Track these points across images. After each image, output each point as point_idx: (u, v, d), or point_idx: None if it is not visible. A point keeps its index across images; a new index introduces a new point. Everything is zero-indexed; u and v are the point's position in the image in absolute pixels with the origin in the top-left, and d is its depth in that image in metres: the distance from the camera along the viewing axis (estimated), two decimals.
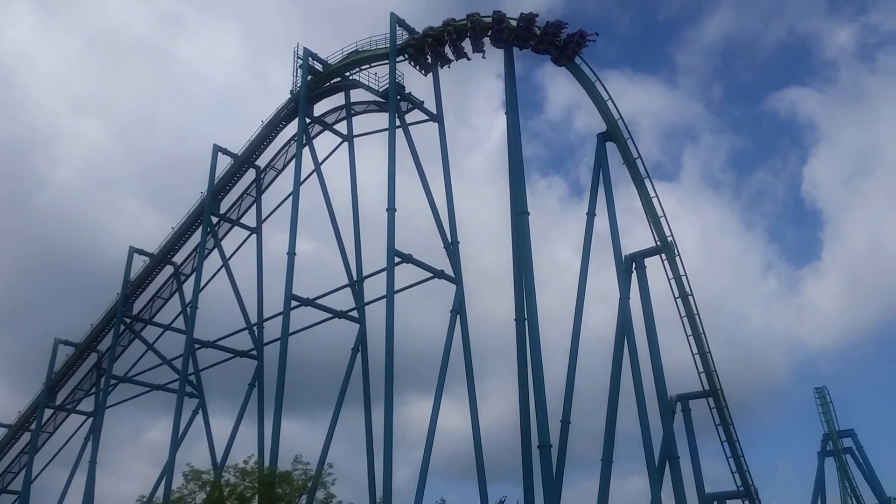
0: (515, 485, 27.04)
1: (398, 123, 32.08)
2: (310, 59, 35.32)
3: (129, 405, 42.01)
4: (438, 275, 30.00)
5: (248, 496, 21.96)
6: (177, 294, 40.77)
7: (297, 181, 33.53)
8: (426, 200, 31.83)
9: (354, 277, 34.22)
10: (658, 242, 30.93)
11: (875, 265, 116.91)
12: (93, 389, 42.44)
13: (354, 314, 33.21)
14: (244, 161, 38.25)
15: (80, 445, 40.80)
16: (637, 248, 32.69)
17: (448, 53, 32.64)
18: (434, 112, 33.59)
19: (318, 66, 35.73)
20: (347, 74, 35.35)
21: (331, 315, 32.82)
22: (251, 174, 38.99)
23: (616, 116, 31.18)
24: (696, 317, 30.42)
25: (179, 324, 39.68)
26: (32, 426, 42.03)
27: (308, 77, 35.07)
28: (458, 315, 29.51)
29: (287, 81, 36.47)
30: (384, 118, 32.91)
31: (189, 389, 36.42)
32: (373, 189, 38.97)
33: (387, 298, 27.63)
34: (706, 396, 33.27)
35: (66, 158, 75.66)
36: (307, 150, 35.48)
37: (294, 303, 30.67)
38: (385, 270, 28.46)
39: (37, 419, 41.64)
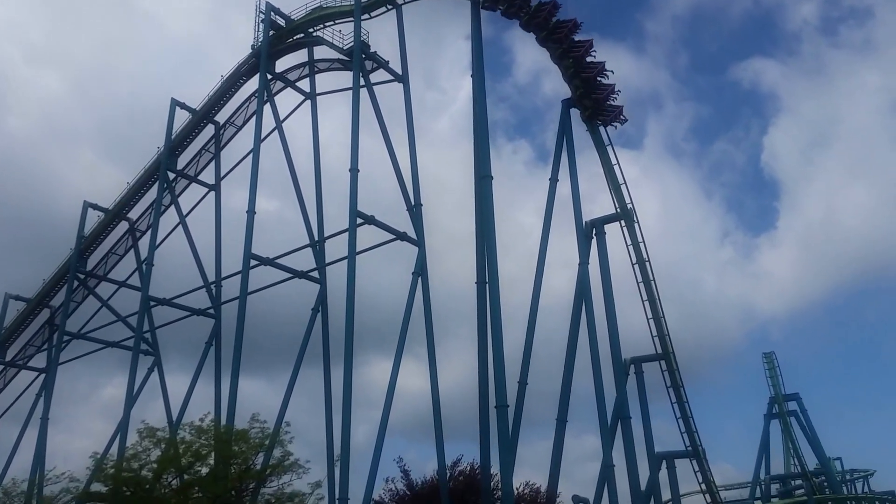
0: (472, 443, 27.59)
1: (362, 83, 31.64)
2: (272, 14, 34.48)
3: (84, 362, 41.60)
4: (401, 237, 29.97)
5: (204, 454, 21.90)
6: (132, 251, 40.15)
7: (258, 138, 32.96)
8: (390, 162, 31.65)
9: (316, 238, 33.96)
10: (618, 209, 31.35)
11: (828, 235, 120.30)
12: (45, 346, 41.71)
13: (315, 274, 33.07)
14: (203, 116, 37.47)
15: (32, 402, 40.15)
16: (598, 215, 33.09)
17: None
18: (399, 73, 33.17)
19: (281, 22, 34.92)
20: (311, 31, 34.65)
21: (291, 275, 32.66)
22: (210, 130, 38.24)
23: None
24: (653, 283, 31.03)
25: (135, 281, 39.12)
26: None
27: (270, 32, 34.25)
28: (420, 277, 29.61)
29: (249, 36, 35.70)
30: (348, 77, 32.47)
31: (144, 347, 36.03)
32: (336, 149, 38.61)
33: (348, 259, 27.57)
34: (659, 360, 34.22)
35: (20, 108, 73.16)
36: (268, 107, 34.84)
37: (253, 262, 30.40)
38: (347, 231, 28.34)
39: None
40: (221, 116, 37.94)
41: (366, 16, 32.55)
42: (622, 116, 31.09)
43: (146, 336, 36.22)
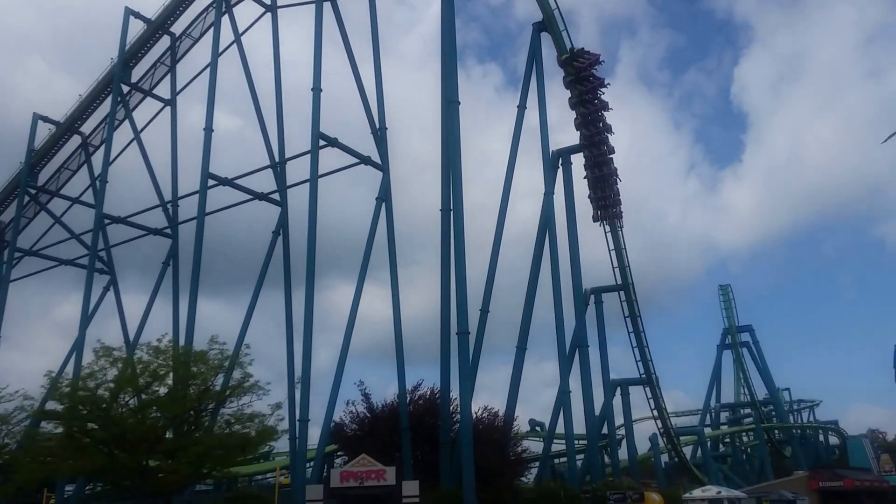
0: (432, 368, 27.91)
1: None
2: None
3: (37, 279, 40.72)
4: (365, 161, 29.33)
5: (162, 374, 21.73)
6: (85, 166, 38.77)
7: (216, 52, 31.56)
8: (355, 83, 30.64)
9: (276, 159, 33.05)
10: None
11: (791, 171, 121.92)
12: None
13: (276, 197, 32.38)
14: (158, 27, 35.64)
15: None
16: (566, 144, 32.76)
17: None
18: None
19: None
20: None
21: (251, 196, 31.98)
22: (165, 41, 36.48)
23: (553, 6, 30.37)
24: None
25: (88, 198, 37.99)
26: None
27: None
28: (384, 203, 29.21)
29: None
30: None
31: (99, 266, 35.32)
32: (299, 67, 37.34)
33: (310, 182, 26.91)
34: (618, 290, 34.85)
35: None
36: (226, 19, 33.30)
37: (211, 182, 29.61)
38: (309, 153, 27.58)
39: None
40: (178, 27, 36.18)
41: None
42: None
43: (101, 255, 35.45)
